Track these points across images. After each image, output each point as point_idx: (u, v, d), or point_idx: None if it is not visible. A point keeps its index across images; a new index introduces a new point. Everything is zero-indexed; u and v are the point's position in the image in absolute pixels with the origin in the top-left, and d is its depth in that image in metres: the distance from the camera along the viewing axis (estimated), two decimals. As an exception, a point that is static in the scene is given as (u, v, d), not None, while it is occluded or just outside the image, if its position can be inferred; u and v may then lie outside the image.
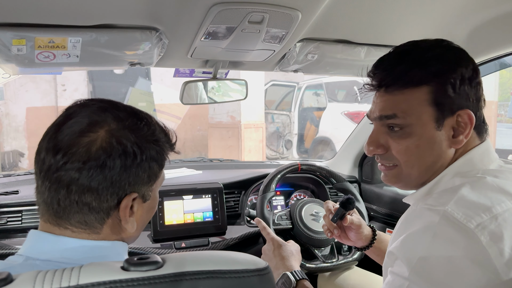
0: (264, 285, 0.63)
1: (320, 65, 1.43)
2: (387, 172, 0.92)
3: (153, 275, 0.55)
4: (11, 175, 1.85)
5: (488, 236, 0.70)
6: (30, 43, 1.02)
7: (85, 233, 0.70)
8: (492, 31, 1.27)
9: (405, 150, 0.86)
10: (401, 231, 0.80)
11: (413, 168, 0.87)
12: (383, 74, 0.86)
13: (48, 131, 0.71)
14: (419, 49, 0.87)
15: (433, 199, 0.80)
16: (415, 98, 0.83)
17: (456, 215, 0.73)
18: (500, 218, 0.73)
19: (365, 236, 1.25)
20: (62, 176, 0.66)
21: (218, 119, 7.34)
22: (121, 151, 0.68)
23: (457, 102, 0.83)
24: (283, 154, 8.36)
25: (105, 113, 0.71)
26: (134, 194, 0.71)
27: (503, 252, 0.70)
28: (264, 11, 1.03)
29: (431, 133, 0.84)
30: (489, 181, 0.80)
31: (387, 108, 0.86)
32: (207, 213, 1.66)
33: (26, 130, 7.10)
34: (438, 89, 0.82)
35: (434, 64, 0.83)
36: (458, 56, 0.87)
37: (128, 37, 1.09)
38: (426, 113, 0.83)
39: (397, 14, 1.21)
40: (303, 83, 8.26)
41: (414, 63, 0.84)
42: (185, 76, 1.54)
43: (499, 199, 0.76)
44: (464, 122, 0.83)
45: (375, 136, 0.90)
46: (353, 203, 1.19)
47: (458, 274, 0.70)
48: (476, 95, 0.85)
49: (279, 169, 1.69)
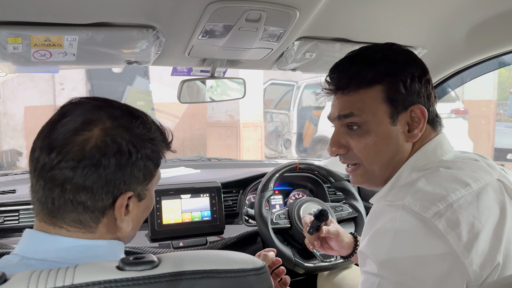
0: (261, 284, 0.62)
1: (318, 63, 1.43)
2: (353, 173, 0.96)
3: (149, 275, 0.55)
4: (9, 174, 1.85)
5: (446, 223, 0.74)
6: (26, 41, 1.01)
7: (80, 232, 0.69)
8: (491, 29, 1.27)
9: (364, 147, 0.90)
10: (367, 230, 0.84)
11: (374, 164, 0.92)
12: (338, 77, 0.92)
13: (42, 130, 0.70)
14: (370, 51, 0.93)
15: (392, 195, 0.84)
16: (369, 96, 0.89)
17: (414, 207, 0.77)
18: (456, 205, 0.77)
19: (347, 243, 1.29)
20: (56, 175, 0.66)
21: (216, 118, 7.34)
22: (116, 150, 0.68)
23: (409, 98, 0.89)
24: (282, 153, 8.36)
25: (100, 112, 0.71)
26: (130, 193, 0.71)
27: (461, 237, 0.74)
28: (262, 9, 1.02)
29: (387, 128, 0.89)
30: (443, 172, 0.84)
31: (344, 108, 0.91)
32: (205, 212, 1.66)
33: (24, 129, 7.09)
34: (390, 87, 0.88)
35: (384, 64, 0.89)
36: (407, 56, 0.93)
37: (125, 36, 1.09)
38: (380, 110, 0.89)
39: (395, 13, 1.20)
40: (302, 82, 8.25)
41: (365, 64, 0.90)
42: (183, 74, 1.53)
43: (453, 187, 0.80)
44: (418, 117, 0.89)
45: (336, 136, 0.95)
46: (327, 215, 1.24)
47: (422, 263, 0.74)
48: (427, 92, 0.91)
49: (277, 168, 1.69)
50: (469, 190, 0.81)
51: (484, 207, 0.79)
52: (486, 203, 0.80)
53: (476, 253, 0.74)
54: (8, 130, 7.07)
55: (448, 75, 1.61)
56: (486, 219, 0.78)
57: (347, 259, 1.33)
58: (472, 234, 0.75)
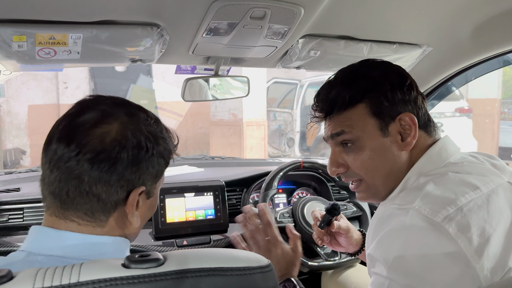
0: (266, 282, 0.62)
1: (322, 61, 1.43)
2: (357, 189, 0.97)
3: (154, 273, 0.55)
4: (13, 173, 1.85)
5: (456, 227, 0.74)
6: (31, 39, 1.01)
7: (90, 226, 0.70)
8: (495, 28, 1.27)
9: (361, 164, 0.91)
10: (376, 233, 0.83)
11: (375, 178, 0.92)
12: (322, 105, 0.95)
13: (59, 122, 0.71)
14: (346, 72, 0.96)
15: (400, 198, 0.83)
16: (356, 114, 0.90)
17: (423, 211, 0.76)
18: (465, 208, 0.76)
19: (355, 240, 1.28)
20: (74, 166, 0.66)
21: (219, 116, 7.34)
22: (135, 144, 0.69)
23: (395, 108, 0.89)
24: (285, 152, 8.35)
25: (118, 107, 0.72)
26: (142, 188, 0.72)
27: (472, 241, 0.73)
28: (266, 7, 1.02)
29: (379, 141, 0.90)
30: (451, 176, 0.84)
31: (335, 127, 0.93)
32: (209, 211, 1.66)
33: (28, 128, 7.10)
34: (372, 102, 0.90)
35: (361, 82, 0.91)
36: (383, 68, 0.94)
37: (129, 34, 1.09)
38: (369, 124, 0.90)
39: (400, 10, 1.20)
40: (305, 80, 8.24)
41: (343, 86, 0.92)
42: (187, 73, 1.53)
43: (462, 191, 0.79)
44: (408, 125, 0.89)
45: (333, 157, 0.96)
46: (339, 209, 1.22)
47: (432, 267, 0.73)
48: (411, 97, 0.91)
49: (281, 166, 1.68)
50: (479, 193, 0.80)
51: (495, 210, 0.78)
52: (496, 206, 0.79)
53: (488, 257, 0.73)
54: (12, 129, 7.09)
55: (452, 73, 1.60)
56: (497, 223, 0.77)
57: (354, 256, 1.32)
58: (483, 238, 0.74)
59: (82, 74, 7.38)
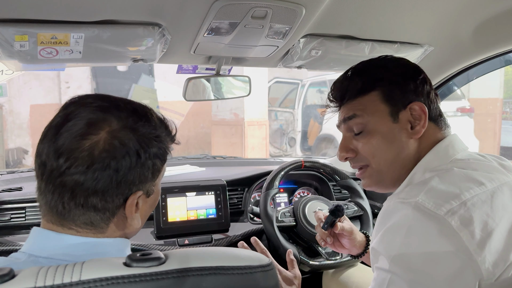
0: (267, 281, 0.62)
1: (324, 61, 1.43)
2: (363, 175, 0.99)
3: (156, 271, 0.55)
4: (15, 172, 1.86)
5: (459, 221, 0.74)
6: (33, 39, 1.02)
7: (90, 233, 0.69)
8: (497, 27, 1.26)
9: (370, 148, 0.94)
10: (379, 226, 0.84)
11: (380, 163, 0.94)
12: (337, 94, 0.99)
13: (46, 133, 0.69)
14: (360, 64, 1.00)
15: (405, 193, 0.84)
16: (368, 100, 0.94)
17: (427, 205, 0.77)
18: (469, 203, 0.77)
19: (359, 242, 1.29)
20: (67, 181, 0.65)
21: (221, 116, 7.34)
22: (125, 152, 0.67)
23: (406, 96, 0.93)
24: (287, 152, 8.35)
25: (105, 113, 0.69)
26: (139, 192, 0.71)
27: (474, 234, 0.73)
28: (268, 6, 1.02)
29: (389, 126, 0.92)
30: (456, 171, 0.85)
31: (348, 112, 0.97)
32: (210, 210, 1.66)
33: (30, 127, 7.11)
34: (384, 90, 0.93)
35: (375, 71, 0.96)
36: (399, 62, 0.98)
37: (130, 33, 1.09)
38: (380, 109, 0.93)
39: (401, 10, 1.19)
40: (306, 80, 8.23)
41: (357, 75, 0.97)
42: (188, 72, 1.53)
43: (467, 186, 0.80)
44: (418, 114, 0.92)
45: (344, 142, 1.00)
46: (342, 210, 1.21)
47: (434, 260, 0.74)
48: (424, 90, 0.94)
49: (282, 166, 1.68)
50: (484, 189, 0.80)
51: (499, 206, 0.79)
52: (501, 202, 0.79)
53: (489, 251, 0.73)
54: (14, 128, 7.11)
55: (454, 72, 1.60)
56: (500, 218, 0.77)
57: (357, 258, 1.32)
58: (485, 232, 0.74)
59: (84, 74, 7.38)
